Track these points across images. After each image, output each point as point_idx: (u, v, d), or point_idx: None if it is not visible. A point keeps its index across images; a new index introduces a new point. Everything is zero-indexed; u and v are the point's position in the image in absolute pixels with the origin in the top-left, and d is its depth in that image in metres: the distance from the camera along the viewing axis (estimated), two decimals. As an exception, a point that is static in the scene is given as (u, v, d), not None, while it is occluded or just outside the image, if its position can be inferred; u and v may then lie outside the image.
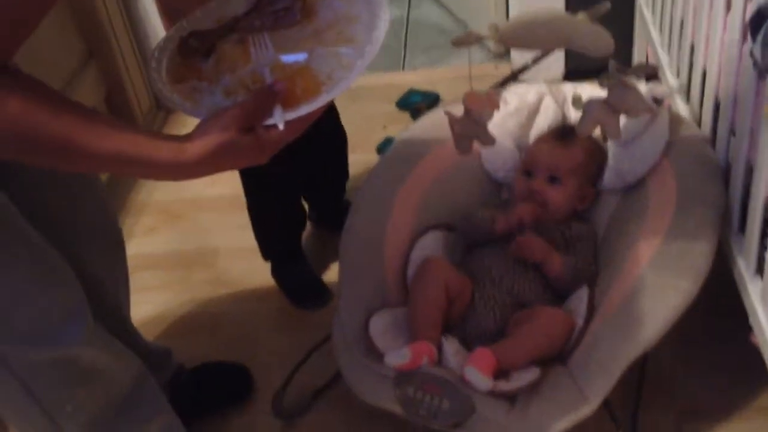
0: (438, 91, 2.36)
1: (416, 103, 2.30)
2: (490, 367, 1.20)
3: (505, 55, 2.44)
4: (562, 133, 1.51)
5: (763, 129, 1.23)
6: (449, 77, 2.43)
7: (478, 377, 1.18)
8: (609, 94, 1.24)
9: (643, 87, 1.54)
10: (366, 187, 1.56)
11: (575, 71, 2.30)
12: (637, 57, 2.22)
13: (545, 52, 1.76)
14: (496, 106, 1.34)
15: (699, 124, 1.61)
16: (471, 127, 1.36)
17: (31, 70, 0.84)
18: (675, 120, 1.55)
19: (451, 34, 2.64)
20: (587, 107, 1.25)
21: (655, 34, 1.98)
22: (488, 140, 1.38)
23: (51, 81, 1.86)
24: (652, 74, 1.61)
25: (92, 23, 2.09)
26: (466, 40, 1.28)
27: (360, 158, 2.16)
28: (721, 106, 1.46)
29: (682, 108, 1.70)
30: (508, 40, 1.24)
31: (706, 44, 1.56)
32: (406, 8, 2.85)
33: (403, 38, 2.68)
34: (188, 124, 0.86)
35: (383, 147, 2.14)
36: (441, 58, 2.55)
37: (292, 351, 1.60)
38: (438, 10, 2.79)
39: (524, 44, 1.20)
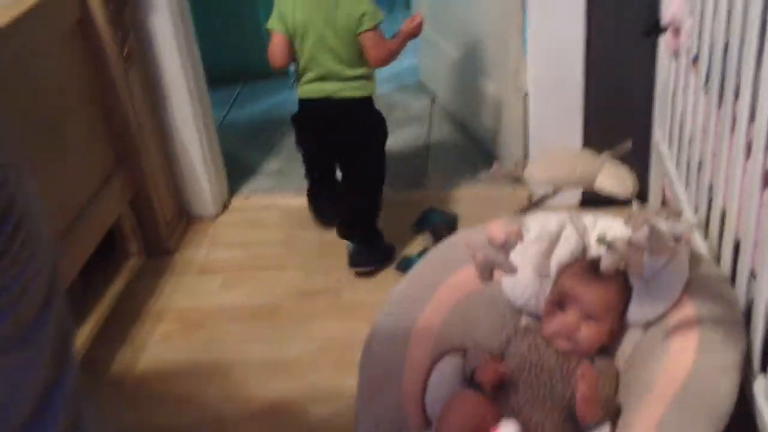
0: (457, 211, 2.41)
1: (436, 222, 2.34)
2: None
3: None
4: (596, 268, 1.51)
5: (785, 276, 1.25)
6: (469, 197, 2.48)
7: None
8: (633, 234, 1.27)
9: (663, 224, 1.57)
10: (387, 308, 1.58)
11: (591, 200, 2.34)
12: (653, 190, 2.27)
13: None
14: (520, 236, 1.37)
15: (718, 261, 1.64)
16: (493, 255, 1.39)
17: (62, 176, 0.85)
18: (694, 257, 1.57)
19: (470, 155, 2.72)
20: (612, 245, 1.28)
21: (672, 169, 2.03)
22: (510, 269, 1.41)
23: (82, 188, 1.93)
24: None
25: (122, 130, 2.16)
26: (495, 175, 1.33)
27: (378, 276, 2.19)
28: (741, 248, 1.48)
29: (700, 244, 1.73)
30: (535, 179, 1.28)
31: (726, 186, 1.60)
32: (427, 128, 2.93)
33: (425, 158, 2.75)
34: (209, 232, 0.87)
35: (404, 265, 2.16)
36: (461, 178, 2.61)
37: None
38: (458, 132, 2.87)
39: (551, 183, 1.24)
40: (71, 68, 1.97)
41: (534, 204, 1.85)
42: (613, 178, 1.24)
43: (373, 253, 2.21)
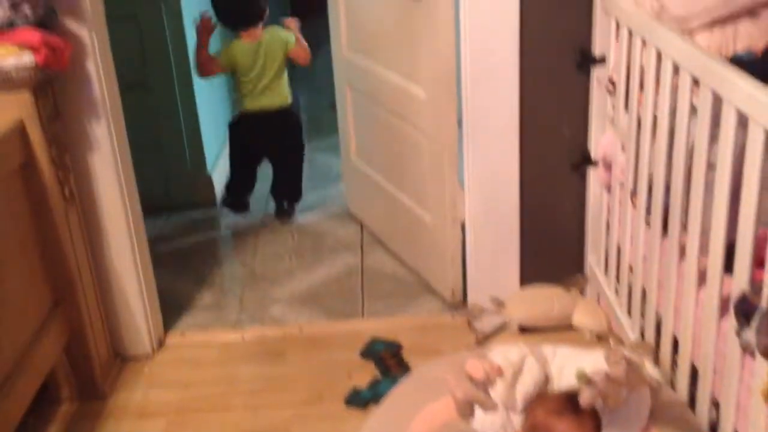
0: (399, 340, 2.42)
1: (380, 352, 2.34)
2: None
3: (461, 305, 2.54)
4: (572, 403, 1.54)
5: (753, 406, 1.32)
6: (409, 326, 2.50)
7: None
8: (612, 369, 1.32)
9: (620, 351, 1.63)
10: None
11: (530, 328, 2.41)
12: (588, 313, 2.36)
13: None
14: (500, 373, 1.40)
15: (672, 386, 1.70)
16: (474, 392, 1.41)
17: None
18: (652, 385, 1.63)
19: (405, 282, 2.76)
20: (592, 381, 1.33)
21: (611, 296, 2.12)
22: (490, 405, 1.43)
23: (18, 336, 1.84)
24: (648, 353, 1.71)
25: (61, 272, 2.09)
26: (471, 313, 1.36)
27: (327, 410, 2.16)
28: (700, 375, 1.55)
29: (649, 368, 1.80)
30: (516, 318, 1.32)
31: (677, 314, 1.68)
32: (359, 255, 2.96)
33: (360, 286, 2.77)
34: (146, 372, 0.86)
35: (352, 399, 2.14)
36: (398, 305, 2.63)
37: None
38: (390, 258, 2.91)
39: (531, 322, 1.29)
40: (12, 212, 1.91)
41: (486, 336, 1.89)
42: (589, 315, 1.29)
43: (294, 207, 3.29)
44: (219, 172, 3.52)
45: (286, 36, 3.08)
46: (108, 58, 2.18)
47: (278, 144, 3.20)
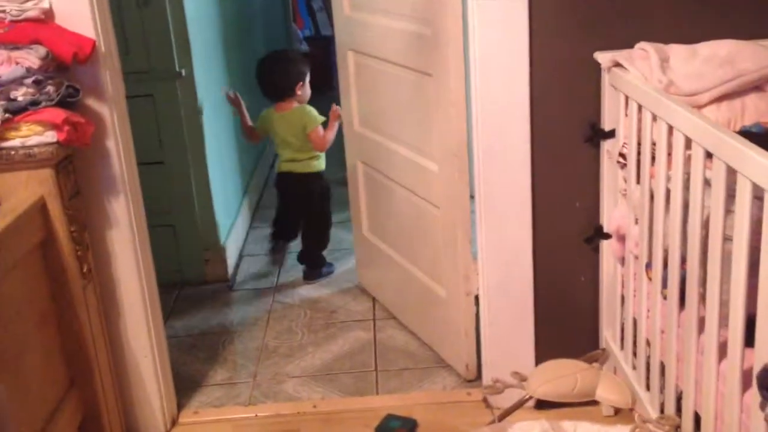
0: (414, 416, 2.39)
1: (395, 429, 2.31)
2: None
3: (476, 380, 2.52)
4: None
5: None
6: (424, 402, 2.48)
7: None
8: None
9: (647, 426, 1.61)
10: None
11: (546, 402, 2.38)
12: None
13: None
14: (523, 454, 1.38)
15: (696, 462, 1.67)
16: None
17: (17, 398, 0.83)
18: (676, 460, 1.61)
19: (419, 357, 2.75)
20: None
21: (628, 371, 2.10)
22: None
23: (36, 409, 1.83)
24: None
25: (78, 350, 2.09)
26: (495, 390, 1.36)
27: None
28: (725, 451, 1.53)
29: (671, 445, 1.77)
30: (539, 394, 1.32)
31: (697, 389, 1.67)
32: (372, 330, 2.95)
33: (373, 361, 2.75)
34: None
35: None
36: (412, 381, 2.61)
37: None
38: (404, 333, 2.90)
39: (554, 396, 1.28)
40: (31, 289, 1.93)
41: (508, 410, 1.88)
42: (613, 391, 1.29)
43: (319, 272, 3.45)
44: (231, 246, 3.54)
45: (309, 119, 3.28)
46: (127, 135, 2.23)
47: (304, 208, 3.43)
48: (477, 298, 2.44)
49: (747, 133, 1.72)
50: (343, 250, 3.60)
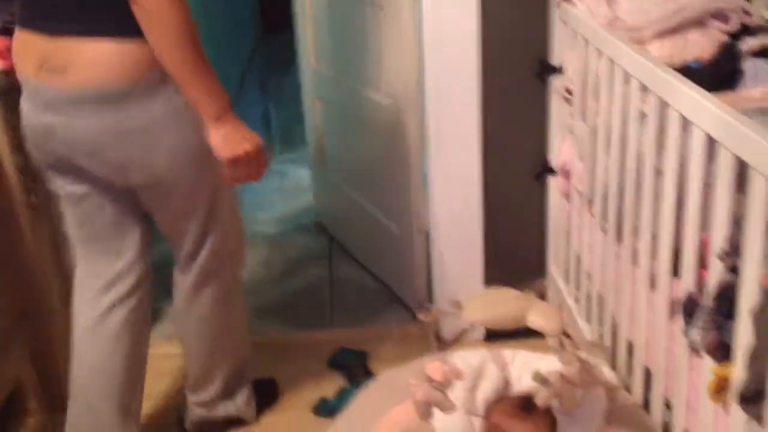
0: (366, 349, 2.44)
1: (347, 361, 2.36)
2: None
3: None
4: (527, 405, 1.57)
5: (701, 404, 1.35)
6: (377, 336, 2.52)
7: None
8: (566, 369, 1.35)
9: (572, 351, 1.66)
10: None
11: (494, 334, 2.43)
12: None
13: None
14: (459, 376, 1.42)
15: (628, 389, 1.74)
16: (433, 394, 1.44)
17: None
18: (608, 386, 1.67)
19: (374, 293, 2.78)
20: (547, 381, 1.36)
21: (571, 303, 2.16)
22: (450, 407, 1.46)
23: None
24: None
25: (27, 282, 2.09)
26: (432, 317, 1.39)
27: (294, 419, 2.17)
28: (654, 378, 1.59)
29: (607, 373, 1.83)
30: (474, 320, 1.36)
31: (630, 319, 1.72)
32: (327, 267, 2.98)
33: (329, 297, 2.79)
34: None
35: (320, 408, 2.16)
36: (367, 316, 2.66)
37: None
38: (359, 270, 2.93)
39: (487, 323, 1.32)
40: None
41: (452, 341, 1.92)
42: (543, 316, 1.33)
43: None
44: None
45: None
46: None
47: None
48: (428, 234, 2.47)
49: (687, 69, 1.74)
50: (303, 188, 3.61)
